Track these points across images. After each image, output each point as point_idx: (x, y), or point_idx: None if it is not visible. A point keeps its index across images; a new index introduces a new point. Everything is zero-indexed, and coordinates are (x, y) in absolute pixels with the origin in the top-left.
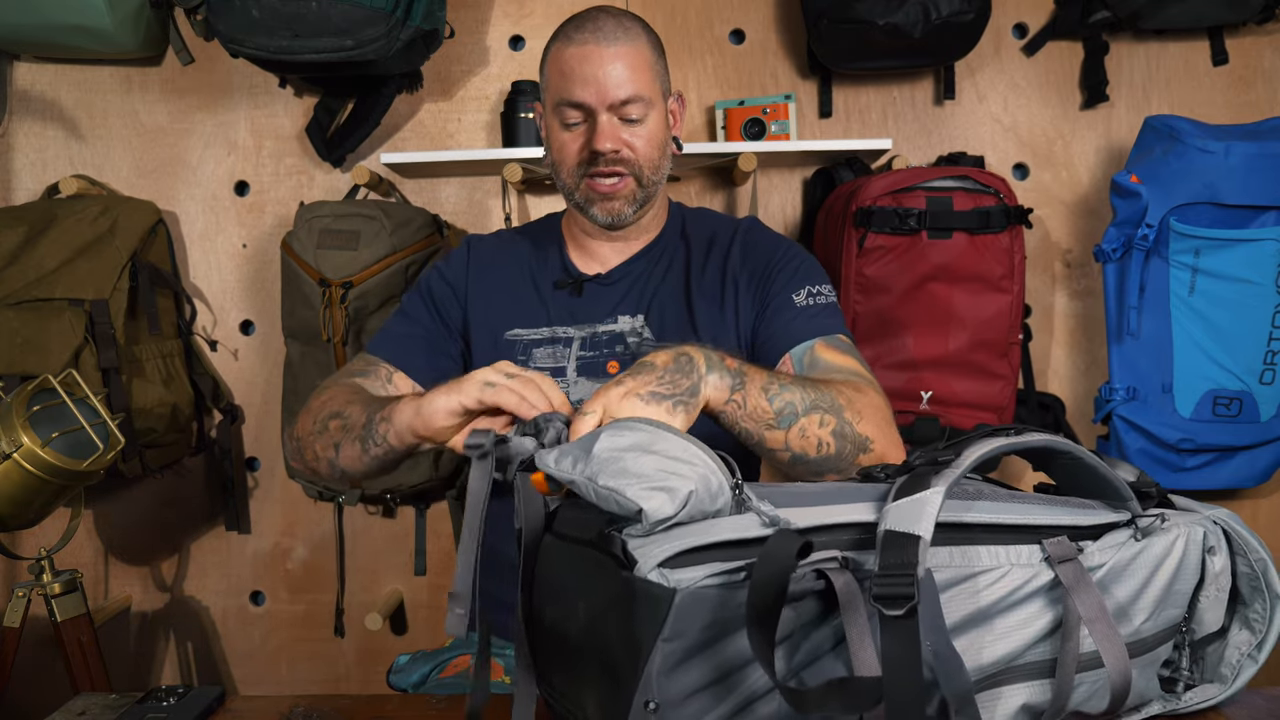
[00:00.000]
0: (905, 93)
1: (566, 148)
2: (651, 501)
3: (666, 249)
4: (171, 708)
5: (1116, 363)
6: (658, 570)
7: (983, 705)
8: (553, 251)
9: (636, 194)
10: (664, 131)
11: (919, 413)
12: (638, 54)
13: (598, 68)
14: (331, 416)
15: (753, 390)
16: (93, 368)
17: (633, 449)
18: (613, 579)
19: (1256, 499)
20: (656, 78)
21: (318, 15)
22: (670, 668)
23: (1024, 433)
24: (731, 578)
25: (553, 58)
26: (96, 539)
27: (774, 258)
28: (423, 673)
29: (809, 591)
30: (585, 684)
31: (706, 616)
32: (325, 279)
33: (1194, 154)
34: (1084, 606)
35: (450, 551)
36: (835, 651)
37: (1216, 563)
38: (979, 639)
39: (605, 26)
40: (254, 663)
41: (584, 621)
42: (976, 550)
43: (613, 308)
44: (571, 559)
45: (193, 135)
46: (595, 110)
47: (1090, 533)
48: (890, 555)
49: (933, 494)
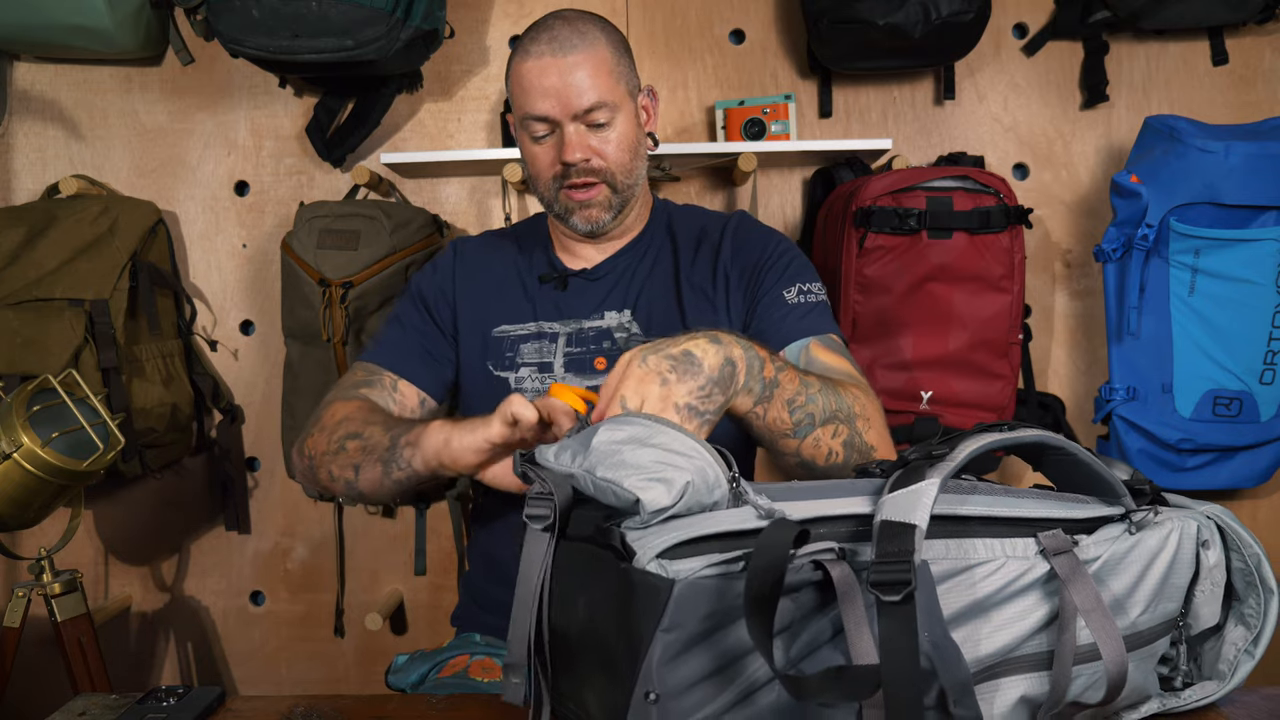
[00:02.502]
0: (905, 93)
1: (538, 160)
2: (649, 492)
3: (652, 244)
4: (171, 708)
5: (1116, 363)
6: (656, 561)
7: (981, 697)
8: (538, 249)
9: (612, 200)
10: (634, 132)
11: (919, 413)
12: (596, 59)
13: (556, 79)
14: (349, 437)
15: (777, 403)
16: (93, 368)
17: (630, 442)
18: (611, 572)
19: (1256, 499)
20: (620, 79)
21: (318, 15)
22: (670, 658)
23: (1017, 429)
24: (729, 568)
25: (514, 73)
26: (96, 539)
27: (765, 253)
28: (421, 672)
29: (807, 583)
30: (586, 680)
31: (705, 607)
32: (325, 279)
33: (1194, 154)
34: (1080, 597)
35: (450, 551)
36: (833, 642)
37: (1211, 556)
38: (976, 631)
39: (561, 35)
40: (254, 663)
41: (584, 617)
42: (972, 543)
43: (599, 303)
44: (570, 556)
45: (193, 135)
46: (560, 122)
47: (1085, 526)
48: (887, 544)
49: (927, 485)
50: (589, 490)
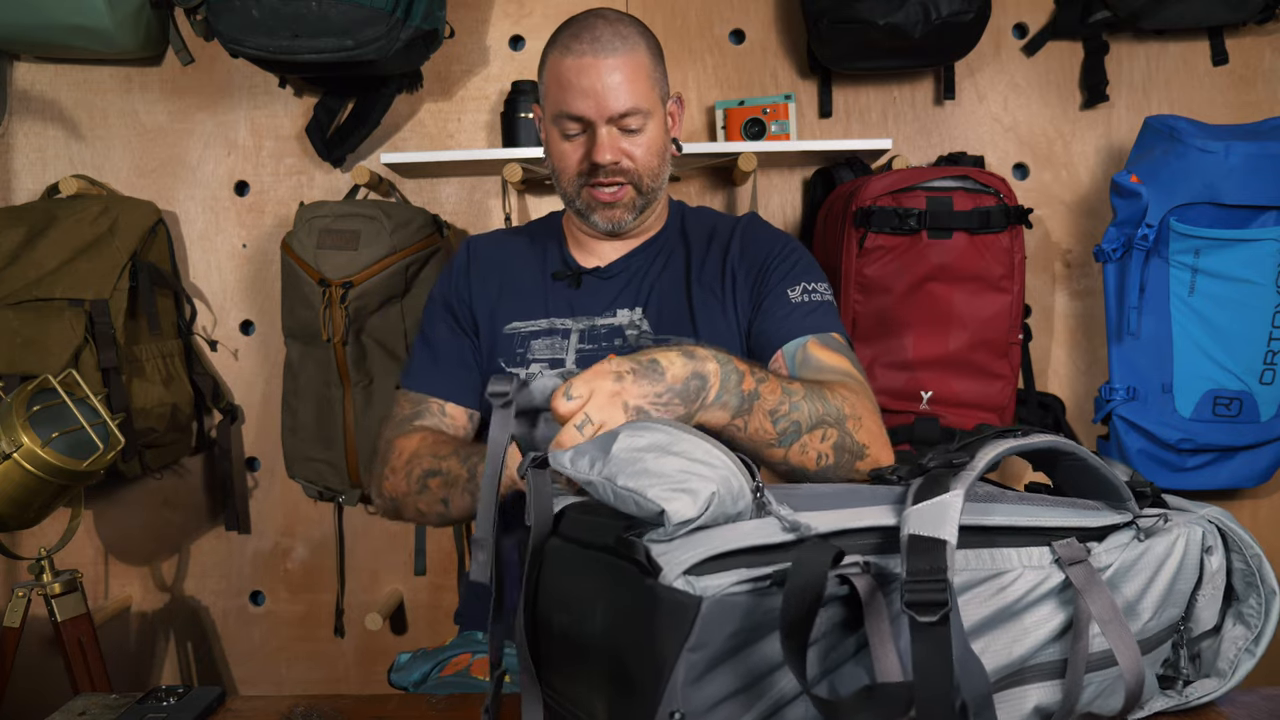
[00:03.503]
0: (905, 93)
1: (567, 158)
2: (674, 504)
3: (666, 244)
4: (171, 708)
5: (1116, 363)
6: (683, 578)
7: (998, 708)
8: (552, 246)
9: (636, 201)
10: (663, 138)
11: (919, 413)
12: (636, 64)
13: (596, 80)
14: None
15: (758, 415)
16: (93, 368)
17: (652, 449)
18: (633, 585)
19: (1256, 499)
20: (655, 85)
21: (318, 15)
22: (696, 677)
23: (1030, 434)
24: (758, 584)
25: (550, 68)
26: (96, 539)
27: (772, 252)
28: (423, 671)
29: (832, 597)
30: (595, 689)
31: (733, 624)
32: (325, 279)
33: (1194, 154)
34: (1097, 607)
35: (450, 551)
36: (857, 658)
37: (1213, 562)
38: (994, 642)
39: (603, 36)
40: (254, 663)
41: (597, 627)
42: (991, 553)
43: (611, 301)
44: (583, 563)
45: (193, 135)
46: (594, 123)
47: (1096, 534)
48: (918, 561)
49: (953, 497)
50: (608, 499)
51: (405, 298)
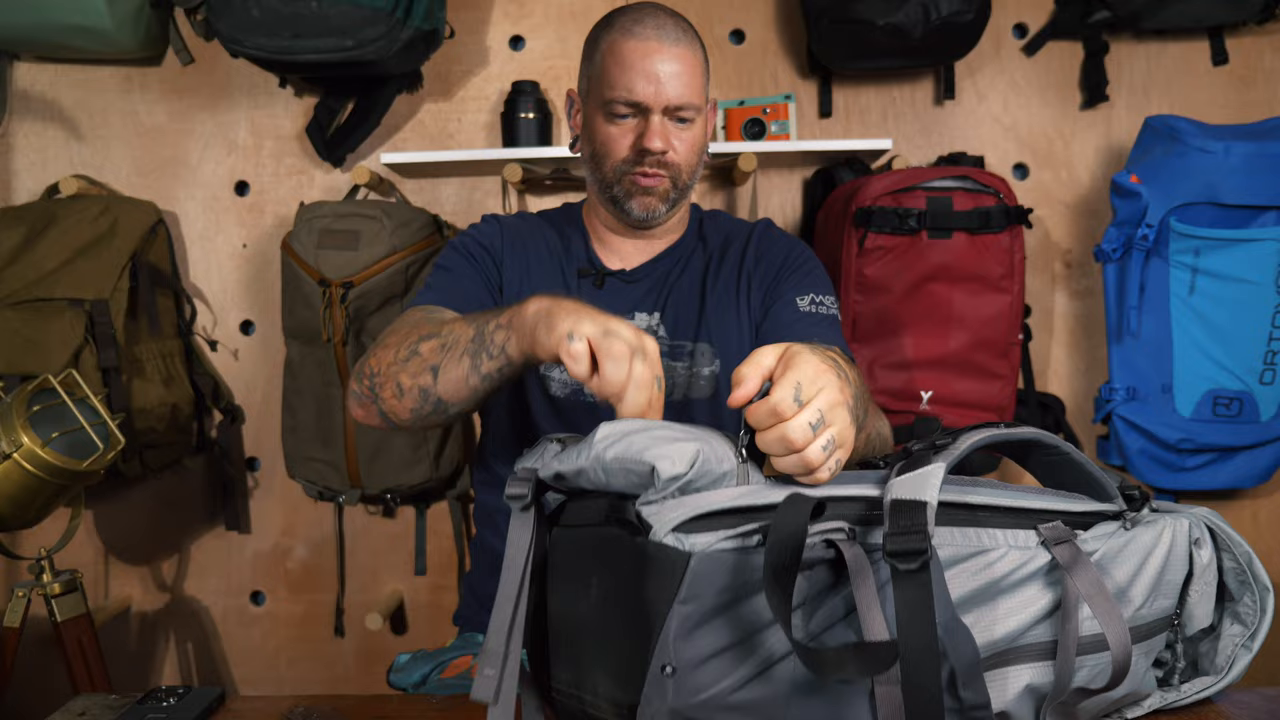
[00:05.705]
0: (905, 93)
1: (614, 141)
2: (664, 461)
3: (686, 249)
4: (171, 708)
5: (1116, 363)
6: (673, 534)
7: (989, 686)
8: (576, 241)
9: (670, 194)
10: (704, 138)
11: (919, 413)
12: (695, 59)
13: (659, 65)
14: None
15: None
16: (93, 368)
17: (633, 431)
18: (627, 548)
19: (1256, 499)
20: (705, 85)
21: (318, 15)
22: (687, 631)
23: (1015, 426)
24: (745, 541)
25: (609, 49)
26: (96, 539)
27: (787, 259)
28: (423, 672)
29: (820, 560)
30: (597, 664)
31: (722, 580)
32: (325, 279)
33: (1194, 154)
34: (1082, 584)
35: (450, 551)
36: (846, 620)
37: (1203, 555)
38: (981, 617)
39: (666, 25)
40: (254, 663)
41: (595, 598)
42: (976, 531)
43: (632, 305)
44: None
45: (193, 135)
46: (650, 109)
47: (1081, 521)
48: (899, 519)
49: (935, 468)
50: (599, 478)
51: (405, 298)
